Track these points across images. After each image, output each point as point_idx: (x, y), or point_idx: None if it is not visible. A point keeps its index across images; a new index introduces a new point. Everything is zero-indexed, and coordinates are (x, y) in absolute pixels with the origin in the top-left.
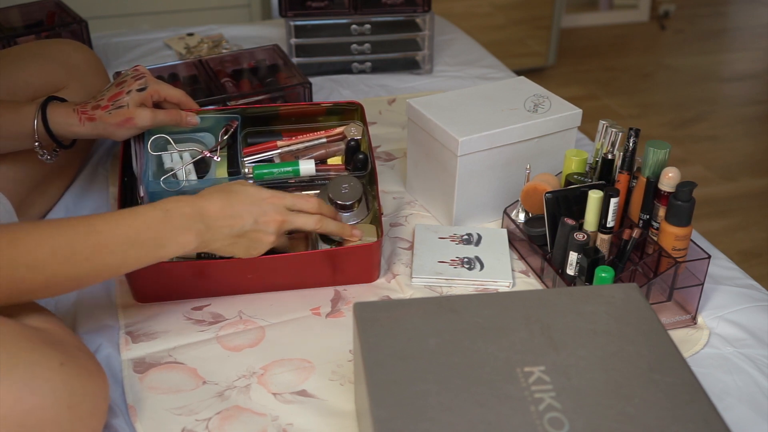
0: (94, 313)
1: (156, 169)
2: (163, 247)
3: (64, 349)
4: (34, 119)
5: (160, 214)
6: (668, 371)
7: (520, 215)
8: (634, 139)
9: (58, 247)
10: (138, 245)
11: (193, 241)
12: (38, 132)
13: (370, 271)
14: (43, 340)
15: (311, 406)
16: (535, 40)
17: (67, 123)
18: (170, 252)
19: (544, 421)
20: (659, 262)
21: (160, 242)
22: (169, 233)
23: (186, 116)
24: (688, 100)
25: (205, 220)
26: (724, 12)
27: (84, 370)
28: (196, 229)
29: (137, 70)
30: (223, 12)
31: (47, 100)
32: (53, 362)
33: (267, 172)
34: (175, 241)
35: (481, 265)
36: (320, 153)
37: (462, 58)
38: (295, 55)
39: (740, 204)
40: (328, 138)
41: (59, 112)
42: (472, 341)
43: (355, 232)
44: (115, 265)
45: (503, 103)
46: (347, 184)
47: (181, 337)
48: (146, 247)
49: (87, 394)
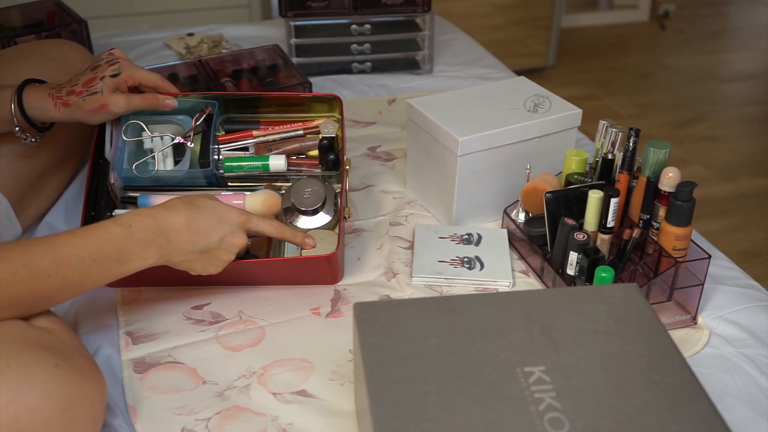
0: (95, 313)
1: (129, 155)
2: (125, 263)
3: (59, 351)
4: (11, 103)
5: (121, 230)
6: (668, 371)
7: (520, 215)
8: (634, 139)
9: (20, 266)
10: (100, 261)
11: (153, 256)
12: (16, 116)
13: (331, 276)
14: (37, 341)
15: (311, 406)
16: (535, 40)
17: (43, 108)
18: (132, 267)
19: (544, 421)
20: (659, 262)
21: (121, 258)
22: (131, 249)
23: (163, 99)
24: (688, 100)
25: (168, 235)
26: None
27: (79, 372)
28: (158, 244)
29: (112, 54)
30: (223, 12)
31: (24, 83)
32: (47, 364)
33: (236, 165)
34: (136, 256)
35: (481, 265)
36: (294, 147)
37: (462, 58)
38: (295, 55)
39: (740, 204)
40: (305, 130)
41: (35, 96)
42: (472, 341)
43: (308, 241)
44: (77, 281)
45: (503, 103)
46: (310, 189)
47: (181, 337)
48: (108, 263)
49: (82, 395)
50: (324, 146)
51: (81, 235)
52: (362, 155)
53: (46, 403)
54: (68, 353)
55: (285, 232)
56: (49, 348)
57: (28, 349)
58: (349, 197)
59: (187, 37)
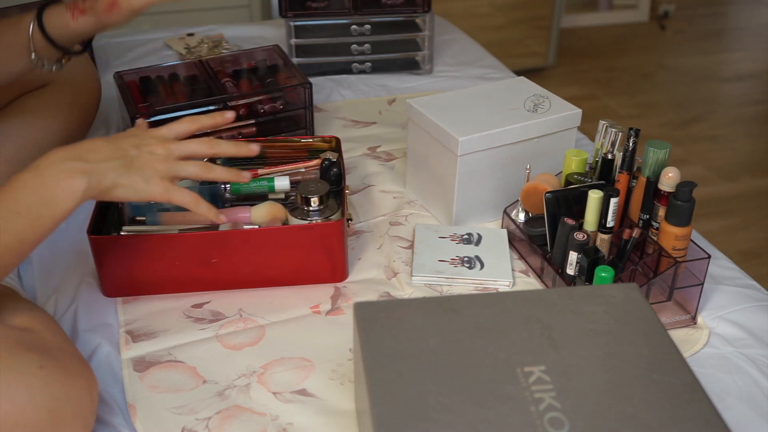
0: (94, 311)
1: None
2: (53, 203)
3: (44, 351)
4: (29, 28)
5: (29, 173)
6: (668, 371)
7: (520, 215)
8: (634, 139)
9: None
10: (25, 213)
11: (81, 183)
12: (34, 39)
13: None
14: (21, 342)
15: (311, 405)
16: (535, 40)
17: (63, 23)
18: (64, 205)
19: (544, 421)
20: (659, 262)
21: (45, 199)
22: (51, 185)
23: None
24: (688, 100)
25: (84, 156)
26: (724, 12)
27: (66, 372)
28: (79, 169)
29: None
30: (223, 12)
31: (43, 5)
32: (31, 366)
33: (244, 185)
34: (61, 190)
35: (481, 265)
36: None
37: (462, 58)
38: (295, 55)
39: (740, 204)
40: (306, 168)
41: (54, 13)
42: (472, 341)
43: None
44: (12, 242)
45: (503, 103)
46: (314, 186)
47: (181, 335)
48: (34, 210)
49: (69, 397)
50: (326, 167)
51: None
52: (362, 155)
53: (32, 406)
54: (54, 353)
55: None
56: (32, 349)
57: (12, 352)
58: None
59: (187, 37)
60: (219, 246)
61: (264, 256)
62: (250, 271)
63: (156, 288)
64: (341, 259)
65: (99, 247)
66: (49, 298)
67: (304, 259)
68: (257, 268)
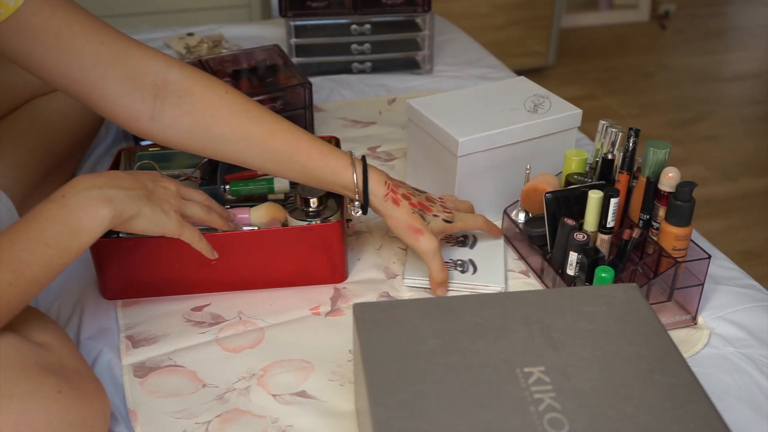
0: (95, 317)
1: None
2: (80, 232)
3: (61, 373)
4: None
5: (56, 204)
6: (668, 371)
7: (520, 215)
8: (634, 139)
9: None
10: (53, 244)
11: (107, 211)
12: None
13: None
14: (38, 364)
15: (311, 407)
16: (535, 40)
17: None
18: (90, 234)
19: (544, 422)
20: (659, 262)
21: (73, 229)
22: (78, 215)
23: None
24: (688, 100)
25: (108, 185)
26: (724, 12)
27: (82, 395)
28: (105, 197)
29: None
30: (223, 12)
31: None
32: (50, 390)
33: (243, 187)
34: (89, 220)
35: (474, 269)
36: None
37: (462, 58)
38: (295, 55)
39: (740, 204)
40: None
41: (374, 177)
42: (472, 341)
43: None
44: (40, 275)
45: (503, 103)
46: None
47: (180, 339)
48: (63, 242)
49: (86, 420)
50: None
51: (20, 228)
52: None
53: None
54: (70, 375)
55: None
56: (50, 371)
57: (29, 375)
58: None
59: (187, 37)
60: (218, 247)
61: (263, 258)
62: (250, 273)
63: (156, 290)
64: (341, 259)
65: (99, 250)
66: (52, 305)
67: (303, 260)
68: (257, 269)
